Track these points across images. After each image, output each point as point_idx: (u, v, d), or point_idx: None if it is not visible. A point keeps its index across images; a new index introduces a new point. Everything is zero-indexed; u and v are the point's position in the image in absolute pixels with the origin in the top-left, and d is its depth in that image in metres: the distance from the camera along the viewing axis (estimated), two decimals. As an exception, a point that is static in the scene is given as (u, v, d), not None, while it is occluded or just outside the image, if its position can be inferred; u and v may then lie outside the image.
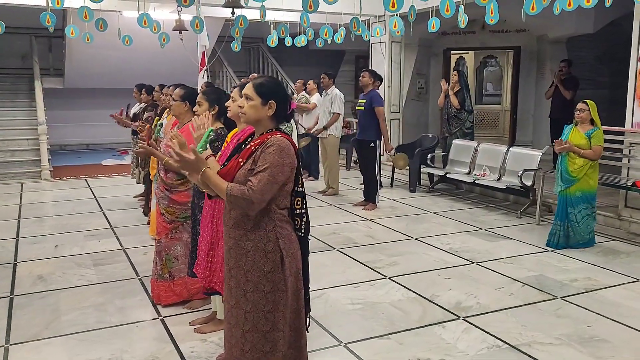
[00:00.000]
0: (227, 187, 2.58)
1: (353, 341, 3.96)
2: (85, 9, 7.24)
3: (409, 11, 7.14)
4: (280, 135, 2.70)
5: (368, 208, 7.88)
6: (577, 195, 5.96)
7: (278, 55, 15.93)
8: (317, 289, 4.92)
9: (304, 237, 2.85)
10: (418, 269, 5.47)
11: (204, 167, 2.60)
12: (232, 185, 2.58)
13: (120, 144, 14.39)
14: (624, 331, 4.13)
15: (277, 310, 2.70)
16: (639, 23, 6.58)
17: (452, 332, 4.11)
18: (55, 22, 7.55)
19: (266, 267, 2.67)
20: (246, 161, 2.67)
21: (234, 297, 2.73)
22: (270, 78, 2.84)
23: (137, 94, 7.99)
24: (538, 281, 5.13)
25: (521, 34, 12.24)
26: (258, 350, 2.70)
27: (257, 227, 2.67)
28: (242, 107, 2.73)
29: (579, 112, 6.05)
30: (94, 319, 4.32)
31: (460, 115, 9.13)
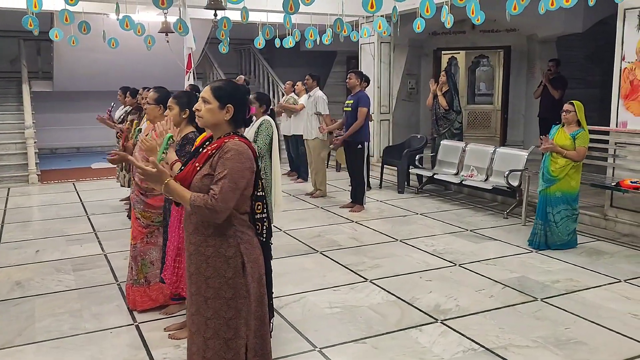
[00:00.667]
0: (190, 197, 2.55)
1: (328, 346, 3.92)
2: (66, 12, 7.19)
3: (392, 12, 7.11)
4: (238, 139, 2.67)
5: (355, 210, 7.85)
6: (557, 195, 5.93)
7: (269, 57, 15.90)
8: (297, 292, 4.90)
9: (266, 241, 2.82)
10: (400, 271, 5.43)
11: (166, 179, 2.58)
12: (196, 196, 2.55)
13: (110, 147, 14.28)
14: (601, 333, 4.10)
15: (239, 317, 2.66)
16: (622, 23, 6.55)
17: (429, 336, 4.07)
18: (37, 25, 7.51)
19: (227, 273, 2.64)
20: (203, 166, 2.63)
21: (195, 304, 2.69)
22: (229, 82, 2.80)
23: (121, 97, 7.95)
24: (519, 283, 5.10)
25: (511, 33, 12.22)
26: (220, 358, 2.66)
27: (217, 233, 2.63)
28: (200, 110, 2.69)
29: (565, 113, 6.02)
30: (69, 326, 4.28)
31: (449, 115, 9.09)
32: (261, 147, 5.55)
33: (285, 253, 6.01)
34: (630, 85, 6.51)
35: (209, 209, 2.52)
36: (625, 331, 4.11)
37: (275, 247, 6.11)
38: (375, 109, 10.91)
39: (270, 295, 2.89)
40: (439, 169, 8.90)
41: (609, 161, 6.91)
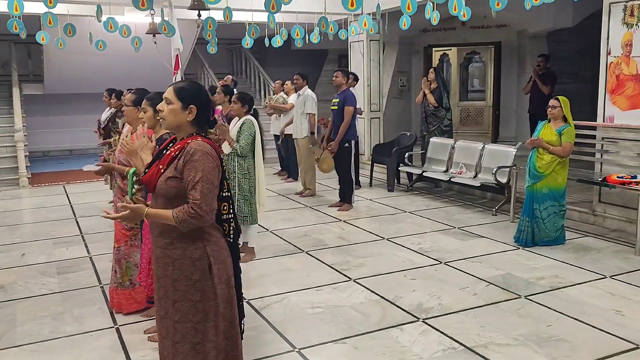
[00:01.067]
0: (173, 215, 2.54)
1: (307, 346, 3.90)
2: (49, 15, 7.16)
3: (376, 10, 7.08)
4: (201, 139, 2.65)
5: (343, 209, 7.82)
6: (544, 191, 5.91)
7: (261, 56, 15.88)
8: (279, 293, 4.88)
9: (233, 242, 2.79)
10: (384, 270, 5.41)
11: (143, 212, 2.59)
12: (177, 211, 2.54)
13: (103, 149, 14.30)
14: (584, 330, 4.08)
15: (207, 320, 2.64)
16: (607, 17, 6.53)
17: (410, 335, 4.05)
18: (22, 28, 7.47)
19: (194, 275, 2.62)
20: (167, 168, 2.62)
21: (164, 308, 2.68)
22: (193, 83, 2.78)
23: (107, 99, 7.93)
24: (504, 280, 5.08)
25: (502, 29, 12.20)
26: (189, 363, 2.64)
27: (184, 235, 2.61)
28: (162, 111, 2.67)
29: (551, 108, 6.00)
30: (49, 329, 4.26)
31: (438, 113, 9.07)
32: (243, 147, 5.54)
33: (271, 253, 5.99)
34: (616, 79, 6.48)
35: (194, 217, 2.51)
36: (608, 328, 4.09)
37: (261, 247, 6.17)
38: (366, 107, 10.89)
39: (240, 296, 2.86)
40: (429, 166, 8.88)
41: (596, 156, 6.89)
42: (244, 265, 5.52)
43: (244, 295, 4.74)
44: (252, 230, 5.81)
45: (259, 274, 5.43)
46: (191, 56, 14.15)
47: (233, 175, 5.63)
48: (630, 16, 6.25)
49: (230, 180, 5.63)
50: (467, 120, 14.88)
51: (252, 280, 5.25)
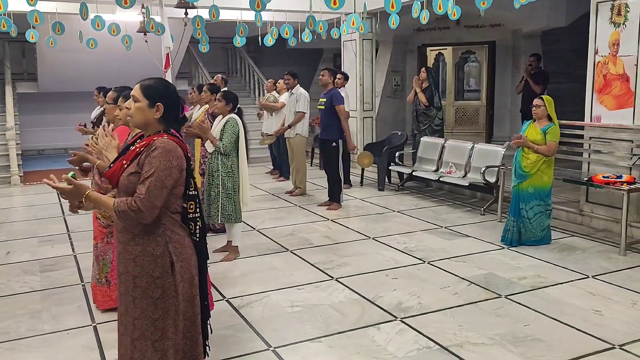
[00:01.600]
0: (114, 204, 2.53)
1: (282, 345, 3.89)
2: (35, 13, 7.16)
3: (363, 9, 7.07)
4: (167, 137, 2.63)
5: (332, 208, 7.81)
6: (530, 191, 5.89)
7: (256, 55, 15.90)
8: (260, 292, 4.87)
9: (199, 241, 2.77)
10: (367, 269, 5.40)
11: (85, 192, 2.57)
12: (119, 201, 2.53)
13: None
14: (560, 330, 4.07)
15: (167, 318, 2.63)
16: (595, 16, 6.51)
17: (386, 334, 4.04)
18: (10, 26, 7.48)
19: (155, 272, 2.60)
20: (130, 163, 2.61)
21: (123, 304, 2.67)
22: (160, 80, 2.77)
23: (97, 97, 7.91)
24: (486, 280, 5.07)
25: (496, 28, 12.19)
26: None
27: (146, 232, 2.60)
28: (129, 108, 2.66)
29: (535, 108, 5.99)
30: (26, 327, 4.26)
31: (429, 112, 9.04)
32: (226, 145, 5.53)
33: (255, 252, 5.98)
34: (603, 79, 6.46)
35: (134, 211, 2.50)
36: (585, 327, 4.08)
37: (247, 245, 6.17)
38: (358, 107, 10.88)
39: (205, 295, 2.84)
40: (419, 165, 8.86)
41: (584, 156, 6.86)
42: (228, 263, 5.59)
43: (225, 294, 4.82)
44: (236, 229, 5.80)
45: (242, 272, 5.42)
46: (186, 55, 14.15)
47: (217, 173, 5.62)
48: (618, 15, 6.23)
49: (214, 179, 5.63)
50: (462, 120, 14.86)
51: (235, 278, 5.24)
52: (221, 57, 16.05)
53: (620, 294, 4.69)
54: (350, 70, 10.97)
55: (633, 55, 6.12)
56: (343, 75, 9.12)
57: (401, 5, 6.38)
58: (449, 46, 12.91)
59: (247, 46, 15.39)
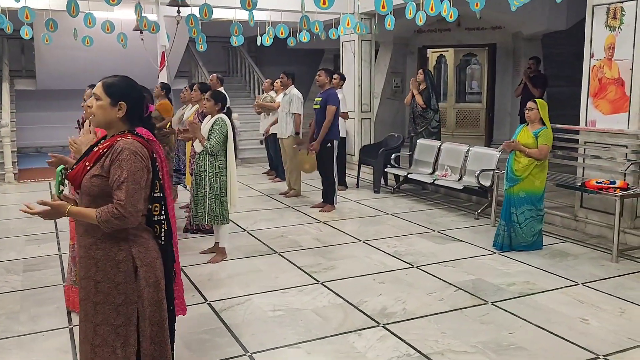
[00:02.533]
0: (96, 214, 2.47)
1: (259, 351, 3.82)
2: (26, 9, 7.11)
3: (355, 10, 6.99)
4: (132, 138, 2.56)
5: (325, 210, 7.73)
6: (521, 195, 5.80)
7: (257, 55, 15.86)
8: (243, 295, 4.80)
9: (165, 244, 2.70)
10: (354, 273, 5.32)
11: (65, 209, 2.52)
12: (100, 211, 2.46)
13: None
14: (545, 338, 3.98)
15: (129, 324, 2.56)
16: (591, 20, 6.41)
17: (367, 340, 3.96)
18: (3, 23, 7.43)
19: (117, 277, 2.53)
20: (93, 165, 2.54)
21: (84, 310, 2.60)
22: (124, 78, 2.69)
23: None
24: (474, 285, 4.98)
25: (497, 31, 12.10)
26: (108, 367, 2.56)
27: (108, 236, 2.53)
28: (91, 107, 2.59)
29: (528, 110, 5.91)
30: (2, 328, 4.20)
31: (426, 114, 8.96)
32: (214, 145, 5.47)
33: (243, 254, 5.91)
34: (599, 83, 6.37)
35: (118, 218, 2.44)
36: (570, 336, 3.99)
37: (235, 247, 6.11)
38: (356, 108, 10.79)
39: (171, 300, 2.76)
40: (415, 168, 8.77)
41: (578, 161, 6.77)
42: (214, 265, 5.53)
43: (207, 297, 4.76)
44: (223, 230, 5.73)
45: (228, 274, 5.35)
46: (185, 54, 14.11)
47: (204, 174, 5.56)
48: (613, 19, 6.13)
49: (201, 179, 5.57)
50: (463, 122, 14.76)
51: (220, 281, 5.17)
52: (222, 56, 16.01)
53: (609, 302, 4.60)
54: (349, 71, 10.90)
55: (628, 60, 6.02)
56: (340, 76, 9.04)
57: (392, 6, 6.29)
58: (449, 48, 12.81)
59: (247, 46, 15.41)
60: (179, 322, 4.07)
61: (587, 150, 6.62)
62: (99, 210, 2.46)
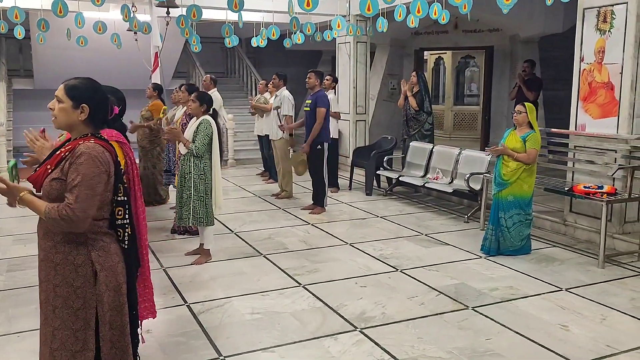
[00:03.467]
0: (45, 209, 2.45)
1: (233, 354, 3.79)
2: (15, 9, 7.11)
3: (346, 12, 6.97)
4: (93, 141, 2.54)
5: (315, 212, 7.71)
6: (509, 199, 5.76)
7: (256, 56, 15.85)
8: (223, 297, 4.78)
9: (128, 248, 2.68)
10: (337, 276, 5.29)
11: (19, 193, 2.51)
12: (50, 207, 2.45)
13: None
14: (522, 345, 3.94)
15: (88, 329, 2.54)
16: (581, 23, 6.37)
17: (342, 345, 3.93)
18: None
19: (76, 282, 2.52)
20: (55, 168, 2.52)
21: (43, 313, 2.58)
22: (86, 80, 2.67)
23: None
24: (456, 290, 4.95)
25: (494, 33, 12.05)
26: (67, 371, 2.54)
27: (67, 240, 2.51)
28: (53, 109, 2.58)
29: (516, 114, 5.89)
30: (-22, 329, 4.19)
31: (419, 116, 8.93)
32: (199, 147, 5.45)
33: (228, 256, 5.89)
34: (588, 87, 6.33)
35: (64, 219, 2.42)
36: (547, 343, 3.95)
37: (220, 249, 6.09)
38: (351, 110, 10.77)
39: (134, 304, 2.74)
40: (408, 170, 8.74)
41: (568, 165, 6.72)
42: (198, 267, 5.51)
43: (187, 299, 4.74)
44: (207, 232, 5.72)
45: (210, 276, 5.33)
46: (184, 55, 14.12)
47: (189, 176, 5.54)
48: (603, 22, 6.09)
49: (186, 181, 5.56)
50: (461, 125, 14.74)
51: (202, 283, 5.15)
52: (220, 57, 16.01)
53: (591, 309, 4.56)
54: (343, 73, 10.89)
55: (618, 63, 5.98)
56: (332, 78, 9.01)
57: (378, 8, 6.26)
58: (446, 50, 12.78)
59: (246, 47, 15.39)
60: (154, 324, 4.11)
61: (576, 154, 6.58)
62: (49, 205, 2.45)
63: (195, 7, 7.43)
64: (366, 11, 6.22)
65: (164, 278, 5.26)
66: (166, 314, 4.46)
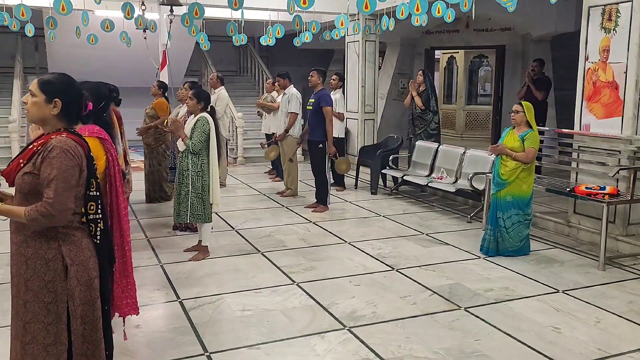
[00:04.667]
0: (25, 213, 2.48)
1: (218, 351, 3.80)
2: (22, 7, 7.20)
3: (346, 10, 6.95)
4: (65, 136, 2.56)
5: (318, 210, 7.70)
6: (508, 199, 5.70)
7: (269, 55, 15.89)
8: (216, 294, 4.79)
9: (100, 243, 2.69)
10: (332, 274, 5.28)
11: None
12: (29, 210, 2.47)
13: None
14: (511, 346, 3.90)
15: (60, 323, 2.56)
16: (586, 21, 6.29)
17: (328, 343, 3.92)
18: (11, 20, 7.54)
19: (47, 276, 2.54)
20: (27, 162, 2.54)
21: (15, 308, 2.61)
22: (61, 75, 2.69)
23: None
24: (450, 290, 4.91)
25: (506, 32, 11.95)
26: (39, 364, 2.57)
27: (38, 234, 2.53)
28: (26, 103, 2.60)
29: (514, 113, 5.85)
30: (-33, 322, 4.24)
31: (425, 116, 8.89)
32: (196, 144, 5.47)
33: (226, 253, 5.91)
34: (593, 86, 6.25)
35: (45, 216, 2.44)
36: (538, 345, 3.90)
37: (219, 246, 6.11)
38: (360, 109, 10.74)
39: (107, 299, 2.76)
40: (413, 170, 8.71)
41: (572, 165, 6.64)
42: (195, 263, 5.53)
43: (180, 295, 4.76)
44: (205, 229, 5.74)
45: (206, 272, 5.35)
46: (196, 53, 14.19)
47: (186, 172, 5.57)
48: (608, 21, 6.01)
49: (184, 178, 5.59)
50: (474, 125, 14.64)
51: (197, 279, 5.17)
52: (233, 55, 16.07)
53: (586, 311, 4.49)
54: (352, 72, 10.86)
55: (623, 63, 5.89)
56: (338, 77, 9.00)
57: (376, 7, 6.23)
58: (458, 49, 12.69)
59: (258, 46, 15.44)
60: (145, 320, 4.16)
61: (580, 155, 6.49)
62: (27, 208, 2.47)
63: (198, 5, 7.46)
64: (364, 9, 6.19)
65: (160, 274, 5.29)
66: (158, 310, 4.50)
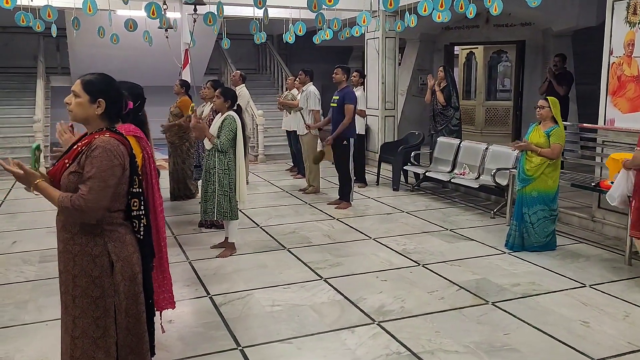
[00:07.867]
0: (59, 198, 2.54)
1: (250, 345, 3.87)
2: (48, 8, 7.31)
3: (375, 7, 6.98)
4: (109, 135, 2.63)
5: (341, 207, 7.75)
6: (533, 195, 5.71)
7: (289, 52, 15.96)
8: (245, 290, 4.86)
9: (144, 239, 2.76)
10: (359, 270, 5.33)
11: (35, 180, 2.58)
12: (63, 196, 2.53)
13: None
14: (540, 340, 3.93)
15: (108, 316, 2.64)
16: (610, 15, 6.27)
17: (359, 338, 3.97)
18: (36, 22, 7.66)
19: (94, 272, 2.61)
20: (72, 162, 2.61)
21: (64, 303, 2.69)
22: (102, 76, 2.77)
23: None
24: (477, 285, 4.94)
25: (526, 27, 11.90)
26: (89, 357, 2.64)
27: (84, 231, 2.60)
28: (70, 104, 2.68)
29: (539, 109, 5.83)
30: (9, 317, 4.35)
31: (447, 112, 8.90)
32: (224, 143, 5.54)
33: (252, 249, 5.98)
34: (617, 81, 6.23)
35: (76, 209, 2.50)
36: (567, 339, 3.92)
37: (245, 242, 6.19)
38: (380, 105, 10.77)
39: (150, 293, 2.84)
40: (435, 166, 8.72)
41: (596, 160, 6.62)
42: (222, 260, 5.61)
43: (210, 291, 4.84)
44: (232, 226, 5.82)
45: (233, 269, 5.43)
46: (217, 52, 14.29)
47: (213, 170, 5.65)
48: (633, 14, 5.98)
49: (210, 176, 5.66)
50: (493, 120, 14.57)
51: (225, 275, 5.25)
52: (253, 54, 16.16)
53: (614, 305, 4.50)
54: (372, 68, 10.88)
55: (648, 57, 5.86)
56: (359, 74, 9.03)
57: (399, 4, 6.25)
58: (477, 45, 12.64)
59: (277, 44, 15.51)
60: (177, 315, 4.23)
61: (605, 149, 6.47)
62: (62, 194, 2.53)
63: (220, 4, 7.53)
64: (388, 6, 6.22)
65: (189, 270, 5.38)
66: (189, 305, 4.58)
